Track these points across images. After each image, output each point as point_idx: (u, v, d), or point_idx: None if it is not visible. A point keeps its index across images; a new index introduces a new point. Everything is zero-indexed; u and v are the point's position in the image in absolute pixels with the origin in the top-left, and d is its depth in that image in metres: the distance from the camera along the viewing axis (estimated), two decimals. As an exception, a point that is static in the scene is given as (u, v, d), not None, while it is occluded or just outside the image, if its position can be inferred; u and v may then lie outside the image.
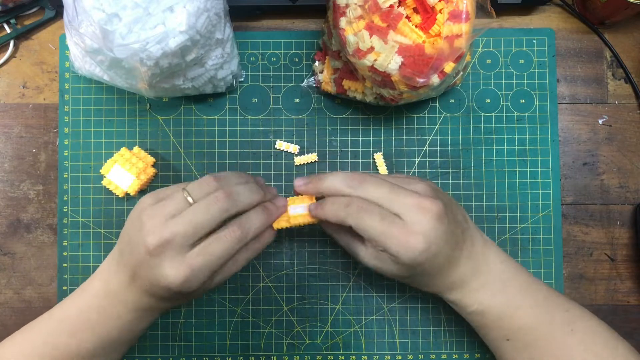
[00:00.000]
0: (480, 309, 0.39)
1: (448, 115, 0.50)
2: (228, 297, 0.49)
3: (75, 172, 0.49)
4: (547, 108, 0.51)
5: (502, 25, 0.52)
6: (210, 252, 0.35)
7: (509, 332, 0.39)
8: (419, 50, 0.40)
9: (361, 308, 0.49)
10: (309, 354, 0.49)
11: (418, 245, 0.36)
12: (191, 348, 0.49)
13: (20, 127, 0.50)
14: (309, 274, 0.50)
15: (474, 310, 0.40)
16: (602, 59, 0.52)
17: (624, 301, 0.51)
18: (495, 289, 0.39)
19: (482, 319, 0.40)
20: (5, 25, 0.50)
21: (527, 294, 0.40)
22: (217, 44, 0.43)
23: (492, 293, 0.39)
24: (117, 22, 0.38)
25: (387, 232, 0.36)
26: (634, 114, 0.51)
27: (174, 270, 0.34)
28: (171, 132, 0.50)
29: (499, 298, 0.39)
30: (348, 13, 0.40)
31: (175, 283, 0.35)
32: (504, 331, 0.39)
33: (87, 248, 0.49)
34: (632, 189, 0.51)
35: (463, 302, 0.40)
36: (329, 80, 0.48)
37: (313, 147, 0.50)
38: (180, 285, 0.35)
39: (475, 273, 0.39)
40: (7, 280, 0.50)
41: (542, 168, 0.50)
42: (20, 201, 0.50)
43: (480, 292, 0.39)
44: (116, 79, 0.43)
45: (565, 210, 0.51)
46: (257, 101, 0.50)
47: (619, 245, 0.51)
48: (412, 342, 0.49)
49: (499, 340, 0.40)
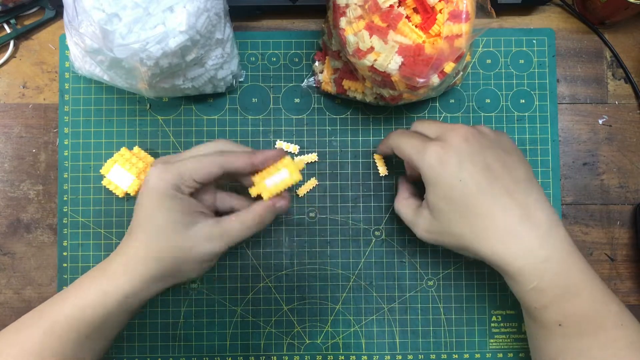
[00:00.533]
0: (541, 286, 0.36)
1: (448, 115, 0.50)
2: (228, 297, 0.49)
3: (75, 172, 0.49)
4: (547, 108, 0.51)
5: (502, 25, 0.52)
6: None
7: (563, 317, 0.37)
8: (419, 51, 0.40)
9: (361, 308, 0.49)
10: (309, 354, 0.49)
11: (436, 154, 0.37)
12: (191, 348, 0.49)
13: (20, 127, 0.50)
14: (309, 274, 0.50)
15: (534, 287, 0.36)
16: (602, 59, 0.52)
17: (624, 301, 0.50)
18: (561, 267, 0.37)
19: (541, 297, 0.37)
20: (5, 25, 0.50)
21: (587, 277, 0.37)
22: (217, 44, 0.43)
23: (556, 271, 0.36)
24: (117, 22, 0.38)
25: (417, 145, 0.39)
26: (634, 114, 0.51)
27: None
28: (171, 132, 0.50)
29: (563, 277, 0.37)
30: (348, 13, 0.40)
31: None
32: (559, 316, 0.37)
33: (87, 248, 0.49)
34: (632, 189, 0.51)
35: (524, 277, 0.36)
36: (329, 81, 0.48)
37: (313, 147, 0.50)
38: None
39: (525, 223, 0.37)
40: (7, 280, 0.50)
41: (542, 168, 0.50)
42: (20, 201, 0.50)
43: (544, 266, 0.36)
44: (116, 79, 0.43)
45: (565, 210, 0.51)
46: (257, 101, 0.50)
47: (619, 245, 0.51)
48: (412, 342, 0.49)
49: (550, 324, 0.37)
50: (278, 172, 0.41)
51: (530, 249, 0.37)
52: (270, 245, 0.50)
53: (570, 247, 0.38)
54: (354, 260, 0.49)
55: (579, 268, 0.37)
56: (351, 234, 0.50)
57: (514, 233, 0.37)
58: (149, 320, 0.49)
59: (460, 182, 0.37)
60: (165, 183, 0.38)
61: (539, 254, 0.36)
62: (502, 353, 0.49)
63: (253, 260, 0.49)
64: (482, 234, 0.37)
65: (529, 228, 0.37)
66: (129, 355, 0.49)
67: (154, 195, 0.38)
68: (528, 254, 0.36)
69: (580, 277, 0.37)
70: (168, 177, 0.38)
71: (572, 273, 0.37)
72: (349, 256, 0.49)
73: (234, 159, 0.40)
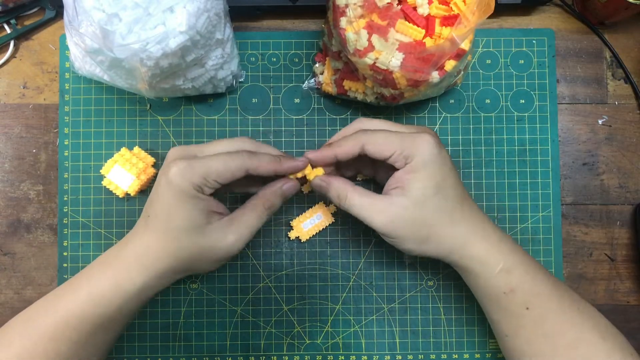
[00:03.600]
0: (507, 266, 0.39)
1: (448, 116, 0.50)
2: (228, 297, 0.49)
3: (76, 172, 0.49)
4: (547, 108, 0.51)
5: (502, 26, 0.52)
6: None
7: (530, 298, 0.39)
8: (419, 47, 0.40)
9: (361, 308, 0.49)
10: (309, 354, 0.49)
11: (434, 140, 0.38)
12: (191, 348, 0.49)
13: (21, 127, 0.50)
14: (309, 274, 0.50)
15: (502, 267, 0.39)
16: (602, 59, 0.52)
17: (623, 301, 0.51)
18: (514, 246, 0.40)
19: (509, 278, 0.39)
20: (6, 26, 0.50)
21: (538, 265, 0.40)
22: (217, 44, 0.43)
23: (512, 249, 0.40)
24: (117, 22, 0.38)
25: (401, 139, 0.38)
26: (633, 114, 0.51)
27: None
28: (171, 132, 0.50)
29: (521, 255, 0.40)
30: (348, 12, 0.40)
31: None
32: (526, 296, 0.39)
33: (87, 248, 0.49)
34: (632, 189, 0.51)
35: (492, 259, 0.39)
36: (330, 82, 0.48)
37: (313, 147, 0.50)
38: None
39: (476, 230, 0.40)
40: (7, 280, 0.50)
41: (542, 168, 0.50)
42: (21, 201, 0.50)
43: (502, 247, 0.39)
44: (116, 79, 0.43)
45: (565, 210, 0.51)
46: (257, 101, 0.50)
47: (618, 245, 0.51)
48: (412, 342, 0.49)
49: (520, 309, 0.39)
50: (313, 215, 0.48)
51: (489, 233, 0.40)
52: (270, 245, 0.50)
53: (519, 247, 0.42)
54: (354, 260, 0.50)
55: (529, 257, 0.41)
56: (352, 234, 0.50)
57: (477, 221, 0.40)
58: (149, 320, 0.49)
59: (451, 170, 0.39)
60: (188, 183, 0.37)
61: (495, 236, 0.40)
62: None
63: (253, 260, 0.49)
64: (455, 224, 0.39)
65: (487, 217, 0.41)
66: (129, 355, 0.49)
67: (175, 192, 0.37)
68: (489, 237, 0.40)
69: (533, 262, 0.40)
70: (193, 177, 0.37)
71: (526, 257, 0.40)
72: (349, 256, 0.49)
73: (259, 164, 0.39)
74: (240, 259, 0.49)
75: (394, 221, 0.39)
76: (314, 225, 0.49)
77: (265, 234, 0.50)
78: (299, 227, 0.49)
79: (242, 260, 0.49)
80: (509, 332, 0.40)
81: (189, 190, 0.37)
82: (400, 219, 0.38)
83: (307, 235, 0.49)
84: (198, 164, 0.37)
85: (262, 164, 0.39)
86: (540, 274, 0.40)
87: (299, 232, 0.48)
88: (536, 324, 0.39)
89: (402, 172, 0.39)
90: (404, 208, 0.38)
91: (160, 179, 0.38)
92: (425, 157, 0.38)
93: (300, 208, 0.50)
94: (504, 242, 0.40)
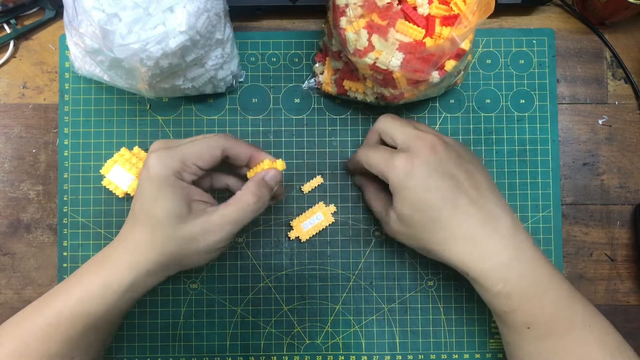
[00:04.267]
0: (507, 289, 0.37)
1: (448, 116, 0.50)
2: (228, 297, 0.49)
3: (75, 172, 0.49)
4: (547, 108, 0.51)
5: (502, 25, 0.52)
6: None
7: (531, 319, 0.37)
8: (419, 47, 0.40)
9: (361, 308, 0.49)
10: (309, 354, 0.49)
11: (403, 166, 0.38)
12: (191, 348, 0.49)
13: (20, 127, 0.50)
14: (309, 274, 0.50)
15: (499, 290, 0.37)
16: (602, 59, 0.52)
17: (624, 301, 0.51)
18: (525, 268, 0.37)
19: (508, 301, 0.37)
20: (5, 26, 0.50)
21: (554, 278, 0.38)
22: (217, 44, 0.43)
23: (520, 273, 0.37)
24: (117, 22, 0.38)
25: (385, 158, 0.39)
26: (634, 114, 0.51)
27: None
28: (171, 132, 0.50)
29: (529, 278, 0.37)
30: (348, 12, 0.40)
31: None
32: (527, 317, 0.37)
33: (87, 248, 0.49)
34: (632, 189, 0.51)
35: (489, 280, 0.37)
36: (330, 81, 0.48)
37: (313, 147, 0.50)
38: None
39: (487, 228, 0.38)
40: (7, 280, 0.50)
41: (542, 168, 0.50)
42: (20, 201, 0.50)
43: (508, 269, 0.37)
44: (116, 79, 0.43)
45: (565, 210, 0.51)
46: (257, 101, 0.50)
47: (619, 245, 0.51)
48: (412, 342, 0.49)
49: (519, 327, 0.38)
50: (313, 215, 0.49)
51: (493, 253, 0.38)
52: (270, 245, 0.50)
53: (534, 249, 0.39)
54: (354, 260, 0.50)
55: (543, 269, 0.38)
56: (351, 234, 0.50)
57: (476, 239, 0.38)
58: (149, 320, 0.49)
59: (426, 192, 0.38)
60: (166, 169, 0.37)
61: (502, 257, 0.37)
62: (502, 353, 0.49)
63: (253, 260, 0.49)
64: (446, 241, 0.39)
65: (490, 233, 0.38)
66: (129, 355, 0.49)
67: (155, 181, 0.37)
68: (491, 258, 0.37)
69: (544, 278, 0.38)
70: (169, 162, 0.37)
71: (536, 274, 0.38)
72: (349, 256, 0.49)
73: (236, 143, 0.40)
74: (240, 259, 0.49)
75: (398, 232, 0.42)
76: (314, 225, 0.49)
77: (265, 234, 0.50)
78: (299, 227, 0.49)
79: (242, 260, 0.49)
80: (511, 342, 0.40)
81: (168, 177, 0.37)
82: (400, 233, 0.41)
83: (307, 235, 0.49)
84: (175, 149, 0.38)
85: (239, 144, 0.41)
86: (550, 294, 0.37)
87: (299, 232, 0.49)
88: (539, 340, 0.38)
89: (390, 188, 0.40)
90: (394, 222, 0.41)
91: (142, 172, 0.39)
92: (393, 184, 0.39)
93: (300, 208, 0.50)
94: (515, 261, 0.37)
